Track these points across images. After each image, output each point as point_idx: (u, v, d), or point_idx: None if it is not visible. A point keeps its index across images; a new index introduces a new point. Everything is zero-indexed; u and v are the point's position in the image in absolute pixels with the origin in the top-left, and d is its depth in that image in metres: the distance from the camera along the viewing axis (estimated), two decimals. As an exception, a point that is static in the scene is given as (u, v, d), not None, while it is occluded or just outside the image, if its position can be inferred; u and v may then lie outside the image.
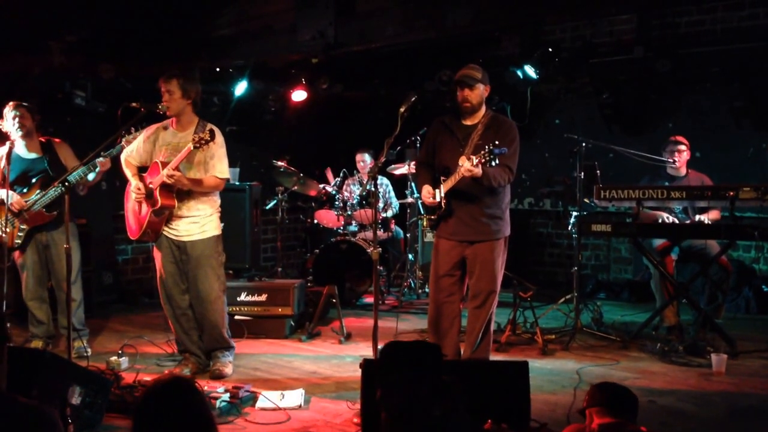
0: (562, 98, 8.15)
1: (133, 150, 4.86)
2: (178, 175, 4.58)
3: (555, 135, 7.78)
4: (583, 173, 5.87)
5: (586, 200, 5.90)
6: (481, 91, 4.57)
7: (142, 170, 4.88)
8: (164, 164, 4.63)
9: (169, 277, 4.84)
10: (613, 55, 6.99)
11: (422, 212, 4.93)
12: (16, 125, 5.11)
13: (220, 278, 4.87)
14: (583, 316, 5.99)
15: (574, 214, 5.96)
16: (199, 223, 4.78)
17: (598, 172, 5.90)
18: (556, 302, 6.29)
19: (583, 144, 5.87)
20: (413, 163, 7.24)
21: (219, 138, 4.75)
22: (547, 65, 6.71)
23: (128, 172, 4.86)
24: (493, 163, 4.24)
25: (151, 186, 4.70)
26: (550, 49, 6.61)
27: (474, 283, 4.63)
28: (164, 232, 4.80)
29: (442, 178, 4.58)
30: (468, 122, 4.64)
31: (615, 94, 7.48)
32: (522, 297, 5.77)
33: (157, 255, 4.88)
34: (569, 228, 6.04)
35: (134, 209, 4.85)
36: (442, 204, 4.55)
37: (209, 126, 4.67)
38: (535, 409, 3.76)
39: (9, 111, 5.15)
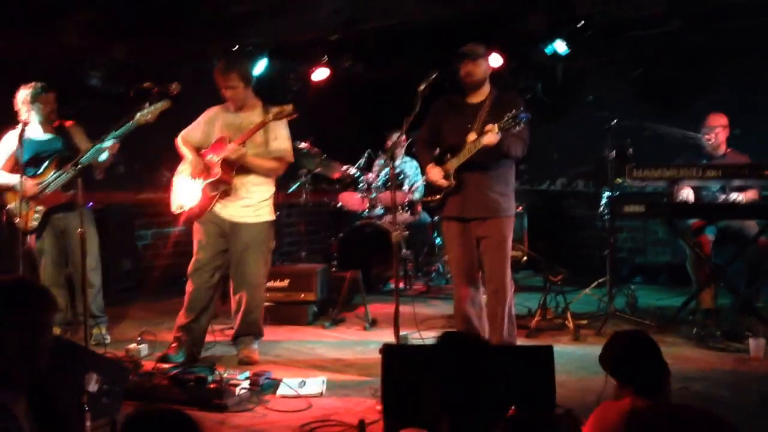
0: (594, 75, 7.90)
1: (190, 130, 4.84)
2: (243, 150, 4.56)
3: (587, 112, 7.56)
4: (615, 152, 5.68)
5: (618, 180, 5.71)
6: (484, 67, 4.55)
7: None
8: (230, 140, 4.60)
9: (208, 250, 4.74)
10: (646, 29, 6.73)
11: (423, 194, 4.93)
12: (39, 110, 5.05)
13: (266, 265, 4.84)
14: (617, 301, 5.80)
15: (606, 195, 5.77)
16: (253, 206, 4.73)
17: (630, 150, 5.70)
18: (588, 286, 6.09)
19: (615, 122, 5.68)
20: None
21: (283, 120, 4.72)
22: (577, 41, 6.49)
23: (185, 150, 4.81)
24: (517, 128, 4.22)
25: (210, 158, 4.66)
26: (580, 24, 6.37)
27: (488, 265, 4.59)
28: (215, 210, 4.72)
29: (448, 155, 4.54)
30: (474, 100, 4.60)
31: (649, 69, 7.22)
32: (552, 281, 5.61)
33: (198, 228, 4.79)
34: (601, 209, 5.85)
35: (188, 184, 4.77)
36: (453, 180, 4.51)
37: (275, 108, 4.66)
38: (564, 395, 3.64)
39: (30, 93, 5.06)
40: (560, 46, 6.60)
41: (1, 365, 2.12)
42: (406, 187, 7.24)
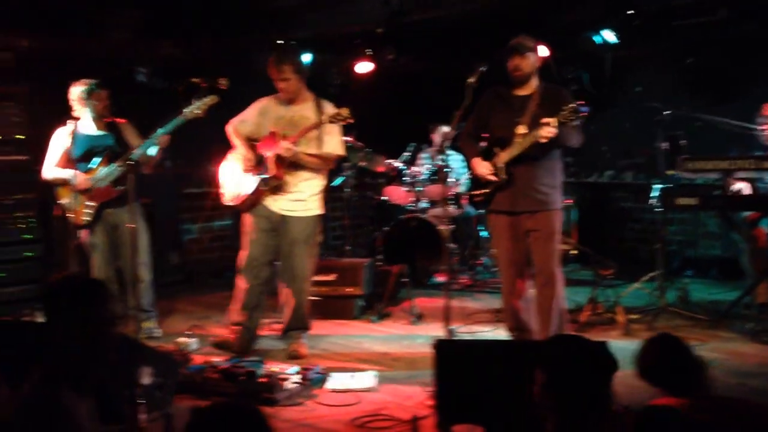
0: (643, 64, 7.73)
1: (242, 121, 4.85)
2: (296, 149, 4.58)
3: (636, 103, 7.40)
4: (666, 144, 5.55)
5: (669, 172, 5.58)
6: (532, 60, 4.49)
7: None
8: (282, 136, 4.61)
9: (259, 246, 4.78)
10: (698, 17, 6.55)
11: (469, 188, 4.90)
12: (93, 106, 5.11)
13: (313, 258, 4.86)
14: (669, 295, 5.67)
15: (658, 186, 5.64)
16: (304, 200, 4.75)
17: (683, 141, 5.56)
18: (638, 280, 5.97)
19: (667, 113, 5.54)
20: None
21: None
22: (626, 30, 6.35)
23: (237, 141, 4.84)
24: (576, 122, 4.20)
25: (262, 155, 4.69)
26: (630, 12, 6.23)
27: (537, 259, 4.54)
28: (265, 203, 4.75)
29: (496, 149, 4.50)
30: (521, 92, 4.55)
31: (700, 58, 7.03)
32: (602, 275, 5.51)
33: (249, 220, 4.82)
34: (652, 201, 5.72)
35: (238, 176, 4.81)
36: (503, 175, 4.47)
37: (328, 104, 4.73)
38: (616, 391, 3.55)
39: (84, 89, 5.12)
40: (609, 36, 6.47)
41: (67, 365, 2.12)
42: (451, 181, 7.18)
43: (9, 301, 5.80)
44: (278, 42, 6.43)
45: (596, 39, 6.54)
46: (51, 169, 5.18)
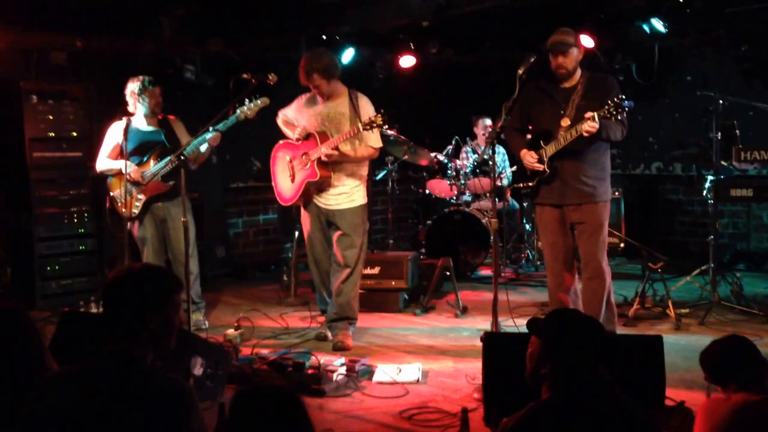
0: (694, 53, 7.55)
1: (286, 113, 5.07)
2: (336, 155, 4.71)
3: (686, 93, 7.25)
4: (720, 133, 5.42)
5: (723, 163, 5.45)
6: (575, 55, 4.43)
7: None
8: (321, 135, 4.74)
9: (317, 243, 5.02)
10: (752, 3, 6.37)
11: (511, 181, 4.85)
12: (145, 102, 5.19)
13: (362, 247, 4.95)
14: (721, 289, 5.54)
15: (710, 178, 5.51)
16: (348, 193, 4.89)
17: (737, 131, 5.42)
18: (689, 274, 5.85)
19: (720, 101, 5.41)
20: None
21: (371, 108, 4.84)
22: (677, 17, 6.20)
23: (286, 130, 5.07)
24: (619, 117, 4.14)
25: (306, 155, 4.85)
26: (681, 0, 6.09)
27: (584, 251, 4.51)
28: (314, 200, 4.93)
29: (541, 142, 4.46)
30: (565, 84, 4.50)
31: (755, 46, 6.83)
32: (651, 268, 5.41)
33: (305, 218, 5.04)
34: (704, 193, 5.59)
35: (289, 176, 4.99)
36: (546, 168, 4.43)
37: (362, 97, 4.84)
38: (669, 386, 3.51)
39: (138, 85, 5.19)
40: (658, 24, 6.34)
41: (142, 348, 2.16)
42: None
43: (65, 293, 6.00)
44: (322, 38, 6.47)
45: (645, 28, 6.41)
46: (103, 160, 5.31)
